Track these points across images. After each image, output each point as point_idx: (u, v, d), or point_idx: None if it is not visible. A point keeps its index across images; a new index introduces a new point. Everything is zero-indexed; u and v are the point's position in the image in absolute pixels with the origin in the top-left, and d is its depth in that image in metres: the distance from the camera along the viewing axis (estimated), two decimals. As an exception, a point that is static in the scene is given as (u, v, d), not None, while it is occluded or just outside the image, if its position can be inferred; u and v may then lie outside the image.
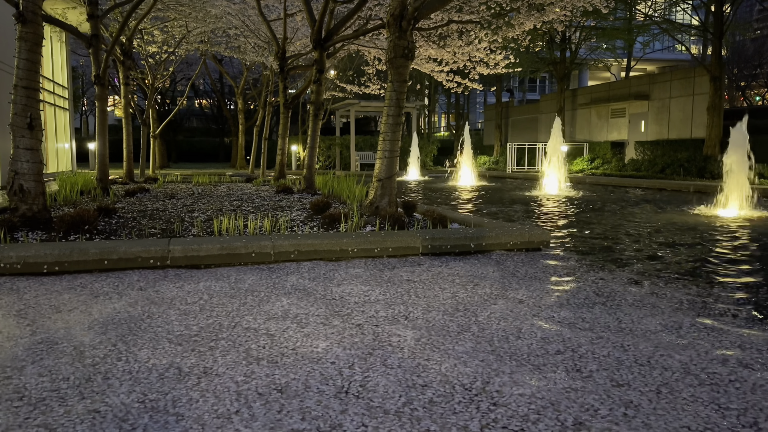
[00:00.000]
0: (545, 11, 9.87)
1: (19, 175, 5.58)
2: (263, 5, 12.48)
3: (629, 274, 4.47)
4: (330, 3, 9.58)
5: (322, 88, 10.95)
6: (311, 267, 4.59)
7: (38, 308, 3.38)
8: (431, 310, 3.38)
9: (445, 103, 44.14)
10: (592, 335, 2.96)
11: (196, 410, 2.08)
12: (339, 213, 6.09)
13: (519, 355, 2.66)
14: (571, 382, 2.35)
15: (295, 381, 2.34)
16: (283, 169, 13.91)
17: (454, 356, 2.63)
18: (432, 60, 12.62)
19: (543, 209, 9.75)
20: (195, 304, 3.47)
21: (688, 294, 3.85)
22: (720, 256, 5.35)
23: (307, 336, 2.90)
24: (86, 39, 10.40)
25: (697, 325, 3.14)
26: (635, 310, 3.44)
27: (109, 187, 10.28)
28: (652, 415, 2.07)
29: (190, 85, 21.80)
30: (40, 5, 5.76)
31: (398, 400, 2.18)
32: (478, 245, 5.25)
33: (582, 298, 3.69)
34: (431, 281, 4.13)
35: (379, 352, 2.68)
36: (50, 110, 17.54)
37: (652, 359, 2.62)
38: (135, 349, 2.70)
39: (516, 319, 3.22)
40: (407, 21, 6.56)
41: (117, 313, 3.29)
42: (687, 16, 28.54)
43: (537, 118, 29.35)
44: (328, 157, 28.95)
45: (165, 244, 4.63)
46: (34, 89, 5.68)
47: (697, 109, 20.16)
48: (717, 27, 18.37)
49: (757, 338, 2.93)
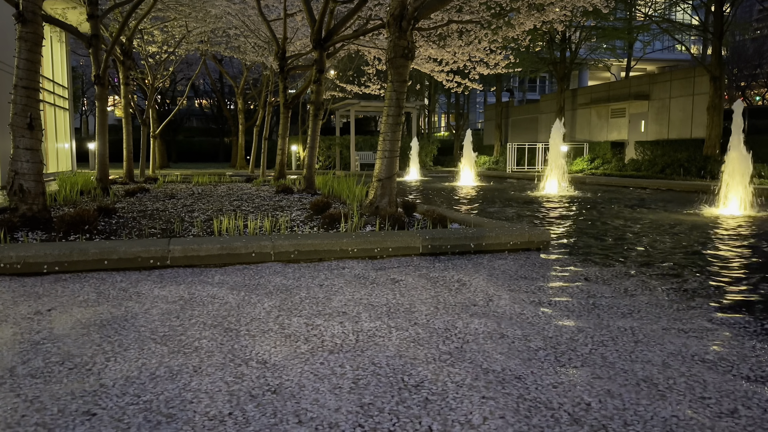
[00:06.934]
0: (545, 11, 9.86)
1: (19, 175, 5.57)
2: (263, 5, 12.47)
3: (629, 274, 4.47)
4: (330, 3, 9.58)
5: (322, 88, 10.95)
6: (322, 265, 4.59)
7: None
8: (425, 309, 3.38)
9: (445, 103, 44.11)
10: (600, 340, 2.95)
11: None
12: (339, 213, 6.09)
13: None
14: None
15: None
16: (283, 169, 13.90)
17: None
18: (432, 60, 12.61)
19: (543, 209, 9.75)
20: (177, 304, 3.48)
21: (693, 300, 3.85)
22: (723, 257, 5.35)
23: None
24: (86, 39, 10.40)
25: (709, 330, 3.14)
26: (634, 311, 3.44)
27: (109, 187, 10.28)
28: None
29: (190, 85, 21.78)
30: (40, 5, 5.76)
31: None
32: (478, 245, 5.25)
33: (582, 300, 3.69)
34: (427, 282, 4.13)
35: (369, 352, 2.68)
36: (50, 110, 17.53)
37: (637, 359, 2.62)
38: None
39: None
40: (407, 21, 6.56)
41: (100, 314, 3.29)
42: (687, 16, 28.53)
43: (537, 118, 29.35)
44: (328, 157, 28.94)
45: (165, 244, 4.62)
46: (34, 89, 5.68)
47: (697, 109, 20.16)
48: (717, 27, 18.36)
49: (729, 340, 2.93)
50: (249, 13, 13.65)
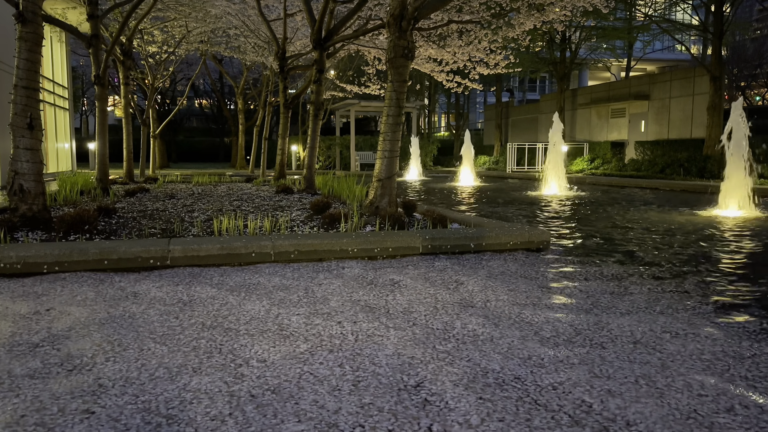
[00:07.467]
0: (545, 11, 9.86)
1: (19, 175, 5.58)
2: (263, 5, 12.48)
3: (629, 274, 4.47)
4: (330, 3, 9.58)
5: (322, 88, 10.95)
6: (324, 265, 4.59)
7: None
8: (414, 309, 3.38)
9: (445, 103, 44.13)
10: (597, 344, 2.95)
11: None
12: (339, 213, 6.09)
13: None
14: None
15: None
16: (283, 169, 13.91)
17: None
18: (432, 60, 12.62)
19: (543, 209, 9.75)
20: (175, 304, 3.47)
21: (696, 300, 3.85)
22: (724, 257, 5.35)
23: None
24: (86, 39, 10.40)
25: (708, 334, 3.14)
26: (633, 310, 3.44)
27: (109, 187, 10.28)
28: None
29: (190, 85, 21.79)
30: (40, 5, 5.76)
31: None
32: (478, 245, 5.25)
33: (581, 300, 3.69)
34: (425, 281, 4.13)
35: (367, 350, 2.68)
36: (50, 110, 17.54)
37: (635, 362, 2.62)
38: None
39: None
40: (407, 21, 6.56)
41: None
42: (687, 16, 28.54)
43: (537, 118, 29.35)
44: (328, 157, 28.95)
45: (165, 244, 4.63)
46: (34, 89, 5.68)
47: (697, 109, 20.16)
48: (717, 27, 18.37)
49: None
50: (249, 13, 13.66)
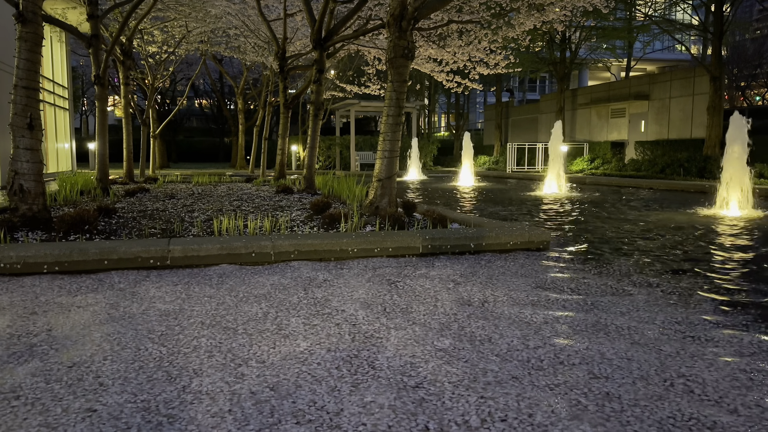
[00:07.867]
0: (545, 11, 9.87)
1: (19, 175, 5.58)
2: (263, 5, 12.48)
3: (629, 274, 4.47)
4: (330, 3, 9.58)
5: (322, 88, 10.95)
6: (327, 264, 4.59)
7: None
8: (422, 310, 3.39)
9: (445, 103, 44.12)
10: (594, 343, 2.96)
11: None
12: (339, 213, 6.09)
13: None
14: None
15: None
16: (283, 169, 13.91)
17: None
18: (432, 60, 12.62)
19: (543, 209, 9.75)
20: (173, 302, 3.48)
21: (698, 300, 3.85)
22: (723, 257, 5.35)
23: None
24: (86, 39, 10.40)
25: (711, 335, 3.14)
26: (632, 310, 3.44)
27: (109, 187, 10.28)
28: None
29: (190, 85, 21.78)
30: (40, 5, 5.76)
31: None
32: (478, 245, 5.25)
33: (581, 299, 3.69)
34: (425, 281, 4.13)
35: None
36: (50, 110, 17.55)
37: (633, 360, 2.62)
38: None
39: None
40: (407, 21, 6.56)
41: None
42: (687, 16, 28.54)
43: (537, 118, 29.35)
44: (328, 157, 28.95)
45: (165, 244, 4.63)
46: (34, 89, 5.69)
47: (697, 109, 20.16)
48: (717, 27, 18.37)
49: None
50: (249, 13, 13.66)
